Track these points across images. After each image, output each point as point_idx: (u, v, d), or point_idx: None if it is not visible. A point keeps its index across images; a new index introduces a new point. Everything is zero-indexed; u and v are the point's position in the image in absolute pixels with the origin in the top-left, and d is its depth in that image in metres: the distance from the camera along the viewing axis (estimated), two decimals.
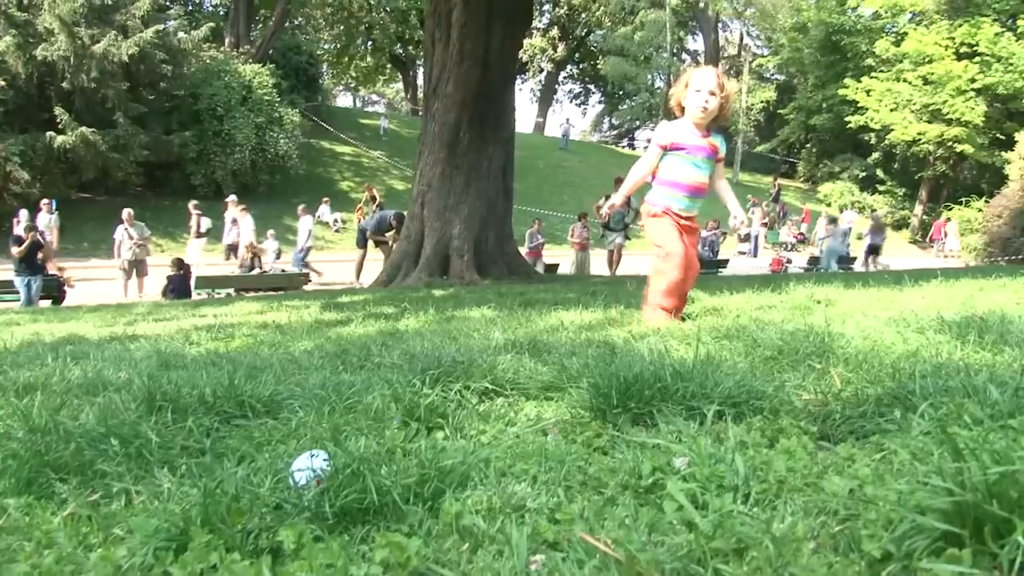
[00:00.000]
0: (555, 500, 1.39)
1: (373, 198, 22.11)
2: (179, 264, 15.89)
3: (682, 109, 4.56)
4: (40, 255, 14.90)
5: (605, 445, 1.94)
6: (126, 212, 17.22)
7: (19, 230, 16.91)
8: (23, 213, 19.48)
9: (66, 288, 15.78)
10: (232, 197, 21.53)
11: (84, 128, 24.39)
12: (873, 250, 22.55)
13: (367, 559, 1.18)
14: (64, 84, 24.96)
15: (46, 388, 2.91)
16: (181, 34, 29.05)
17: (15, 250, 14.51)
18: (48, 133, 24.36)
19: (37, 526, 1.39)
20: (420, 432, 1.93)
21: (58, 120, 24.51)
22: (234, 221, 20.36)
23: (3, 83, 23.92)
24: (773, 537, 1.08)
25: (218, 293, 15.80)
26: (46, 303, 14.68)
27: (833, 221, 24.53)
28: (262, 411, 2.32)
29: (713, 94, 4.43)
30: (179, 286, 15.46)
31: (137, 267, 17.04)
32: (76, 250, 22.51)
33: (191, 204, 21.04)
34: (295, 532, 1.25)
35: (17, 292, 14.81)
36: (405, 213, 19.05)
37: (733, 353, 3.25)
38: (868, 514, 1.17)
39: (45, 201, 20.69)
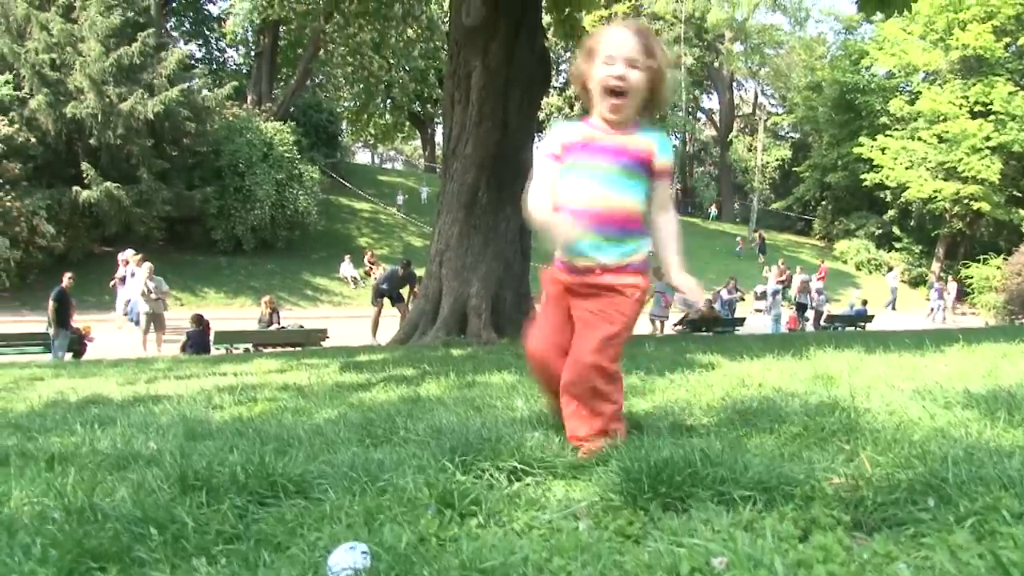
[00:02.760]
0: None
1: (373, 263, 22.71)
2: (198, 320, 16.01)
3: (589, 94, 2.98)
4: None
5: (638, 533, 1.94)
6: (146, 266, 17.41)
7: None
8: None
9: (86, 341, 15.92)
10: (129, 251, 20.21)
11: (109, 183, 24.84)
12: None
13: None
14: (91, 141, 25.49)
15: (76, 459, 2.94)
16: (205, 92, 29.68)
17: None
18: (74, 188, 24.80)
19: None
20: (454, 519, 1.94)
21: (84, 176, 24.96)
22: (132, 275, 19.09)
23: (33, 139, 24.43)
24: None
25: (236, 348, 15.87)
26: (65, 355, 14.80)
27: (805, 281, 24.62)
28: (293, 491, 2.33)
29: (634, 65, 2.84)
30: (198, 342, 15.55)
31: (155, 321, 17.17)
32: (97, 303, 22.72)
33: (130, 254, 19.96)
34: None
35: (42, 344, 14.99)
36: (410, 261, 19.28)
37: (759, 430, 3.24)
38: None
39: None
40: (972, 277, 38.26)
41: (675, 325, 20.09)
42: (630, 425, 3.27)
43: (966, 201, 38.56)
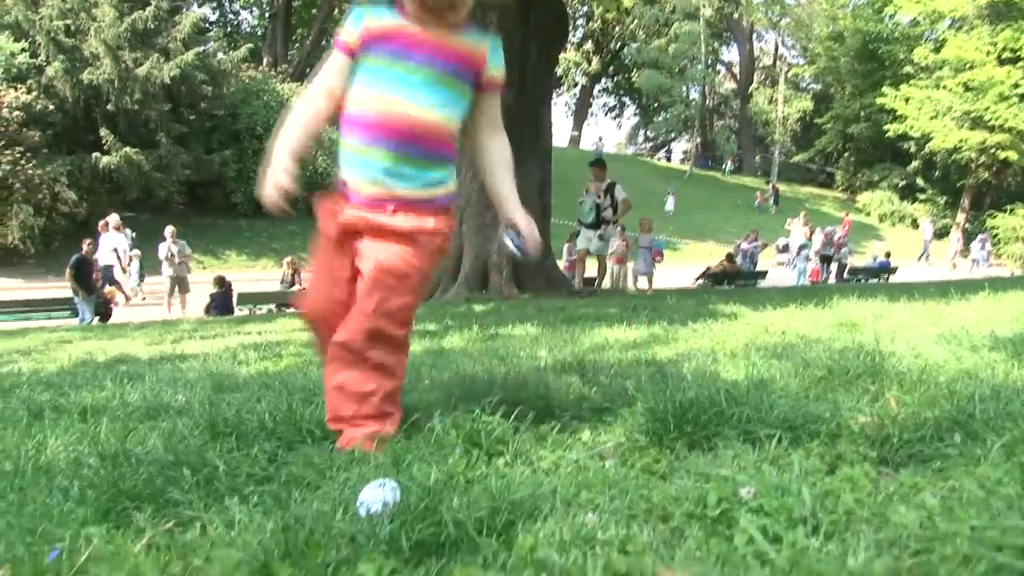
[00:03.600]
0: (624, 532, 1.41)
1: None
2: (221, 282, 16.13)
3: None
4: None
5: (664, 471, 1.96)
6: (168, 230, 17.52)
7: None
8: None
9: (111, 306, 16.10)
10: (113, 217, 19.53)
11: (128, 149, 24.92)
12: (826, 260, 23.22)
13: None
14: (109, 106, 25.53)
15: (108, 411, 2.99)
16: (221, 55, 29.56)
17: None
18: (94, 154, 24.90)
19: (123, 557, 1.44)
20: (481, 459, 1.96)
21: (103, 141, 25.05)
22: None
23: (52, 107, 24.51)
24: (850, 572, 1.09)
25: (259, 309, 16.00)
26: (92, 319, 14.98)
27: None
28: (320, 437, 2.36)
29: None
30: (221, 303, 15.68)
31: (179, 284, 17.32)
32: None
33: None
34: (375, 566, 1.28)
35: (68, 310, 15.17)
36: None
37: (783, 373, 3.24)
38: (943, 549, 1.18)
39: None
40: (998, 228, 37.77)
41: (696, 279, 20.02)
42: (654, 371, 3.28)
43: (992, 151, 37.91)
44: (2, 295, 18.00)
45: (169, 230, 17.51)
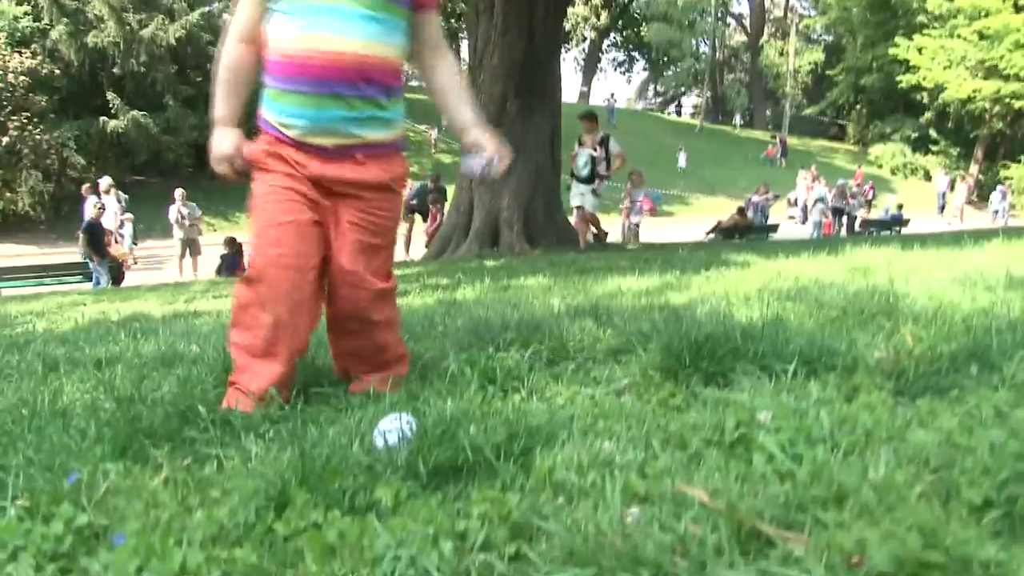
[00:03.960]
0: (642, 456, 1.41)
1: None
2: (232, 243, 16.14)
3: None
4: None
5: (681, 404, 1.95)
6: (178, 192, 17.49)
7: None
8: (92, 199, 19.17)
9: (124, 269, 16.15)
10: (105, 179, 18.98)
11: (135, 112, 24.80)
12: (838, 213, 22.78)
13: (464, 515, 1.21)
14: (115, 70, 25.38)
15: (122, 361, 3.00)
16: (226, 15, 29.26)
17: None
18: (101, 118, 24.81)
19: (140, 489, 1.45)
20: (496, 395, 1.96)
21: (110, 105, 24.94)
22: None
23: (57, 71, 24.40)
24: (872, 484, 1.08)
25: None
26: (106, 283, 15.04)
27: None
28: (335, 380, 2.36)
29: None
30: (232, 264, 15.71)
31: (190, 246, 17.34)
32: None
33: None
34: (392, 490, 1.29)
35: (80, 274, 15.23)
36: (439, 175, 19.19)
37: (798, 314, 3.22)
38: (964, 462, 1.17)
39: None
40: (1012, 178, 37.35)
41: (707, 233, 19.92)
42: (667, 313, 3.26)
43: (1007, 100, 37.30)
44: (14, 261, 18.08)
45: (179, 192, 17.48)
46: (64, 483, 1.40)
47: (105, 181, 18.75)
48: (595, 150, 12.35)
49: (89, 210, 17.94)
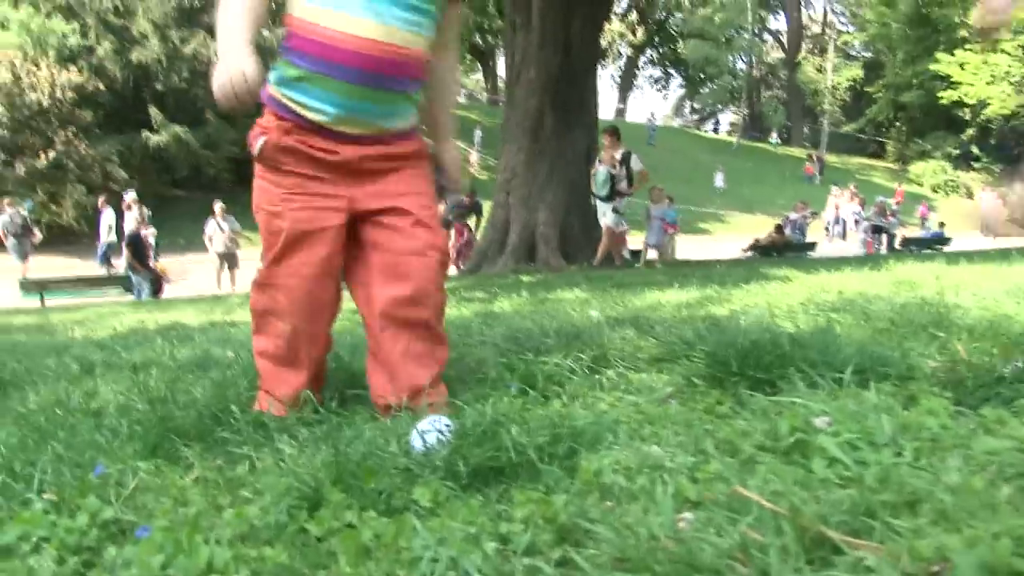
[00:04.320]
0: (692, 460, 1.34)
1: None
2: None
3: None
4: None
5: (728, 411, 1.87)
6: (218, 207, 17.66)
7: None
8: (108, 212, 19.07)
9: (164, 282, 16.32)
10: (130, 194, 18.66)
11: (177, 127, 25.17)
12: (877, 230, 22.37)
13: (507, 517, 1.14)
14: (157, 85, 25.80)
15: (158, 365, 2.98)
16: (266, 33, 29.65)
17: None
18: (143, 133, 25.21)
19: (169, 487, 1.40)
20: (537, 400, 1.89)
21: (152, 120, 25.34)
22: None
23: (102, 87, 24.85)
24: (949, 489, 1.00)
25: None
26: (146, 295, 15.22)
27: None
28: None
29: None
30: None
31: (228, 260, 17.47)
32: (172, 245, 23.24)
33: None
34: (430, 490, 1.23)
35: (120, 286, 15.44)
36: (475, 190, 19.17)
37: (845, 325, 3.12)
38: None
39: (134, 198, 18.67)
40: None
41: (744, 250, 19.70)
42: (710, 323, 3.18)
43: None
44: (57, 273, 18.36)
45: (218, 206, 17.63)
46: (90, 477, 1.36)
47: (130, 195, 18.88)
48: (615, 167, 12.06)
49: (105, 222, 18.22)
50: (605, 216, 12.37)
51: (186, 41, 25.81)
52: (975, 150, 42.93)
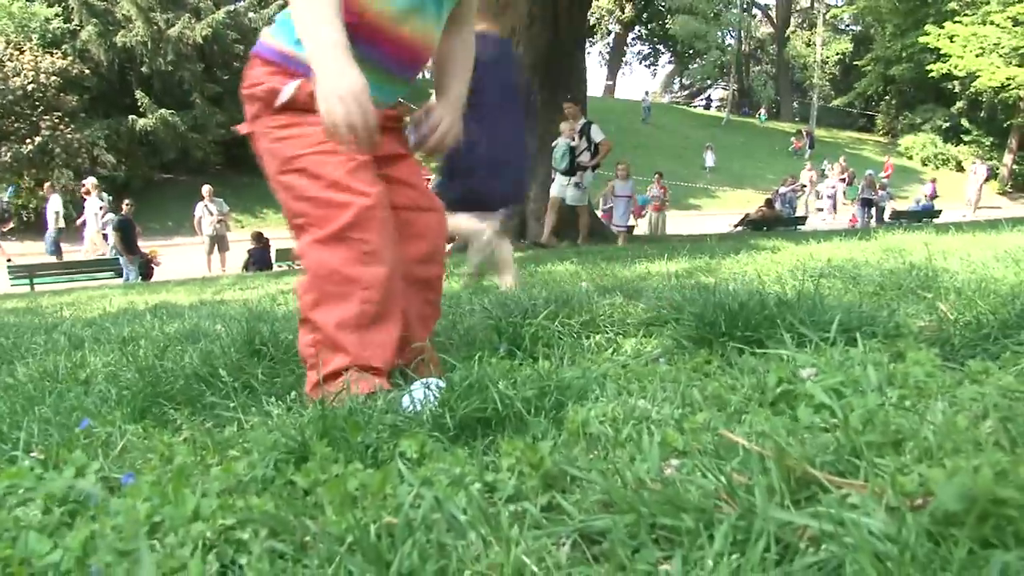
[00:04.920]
0: (679, 412, 1.34)
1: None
2: (259, 237, 16.20)
3: None
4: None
5: (715, 371, 1.88)
6: (206, 189, 17.59)
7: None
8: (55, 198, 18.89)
9: (153, 265, 16.26)
10: (90, 179, 18.84)
11: (163, 110, 25.01)
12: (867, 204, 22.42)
13: (494, 467, 1.15)
14: (143, 69, 25.62)
15: (148, 338, 2.98)
16: (251, 14, 29.43)
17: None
18: (130, 117, 25.05)
19: (157, 446, 1.40)
20: (525, 362, 1.89)
21: (139, 104, 25.16)
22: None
23: (87, 71, 24.65)
24: (933, 428, 1.01)
25: (298, 265, 16.02)
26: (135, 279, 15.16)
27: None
28: None
29: None
30: (260, 259, 15.77)
31: (218, 243, 17.43)
32: (161, 228, 23.15)
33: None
34: (417, 442, 1.23)
35: (111, 270, 15.39)
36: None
37: (833, 289, 3.13)
38: None
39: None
40: None
41: (735, 225, 19.73)
42: (700, 285, 3.17)
43: None
44: (46, 258, 18.27)
45: (206, 189, 17.58)
46: (77, 432, 1.36)
47: (89, 181, 18.75)
48: (573, 139, 11.72)
49: (89, 211, 18.10)
50: (565, 189, 11.93)
51: (171, 23, 25.60)
52: (965, 123, 42.93)
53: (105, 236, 17.64)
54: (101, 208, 18.16)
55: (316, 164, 1.77)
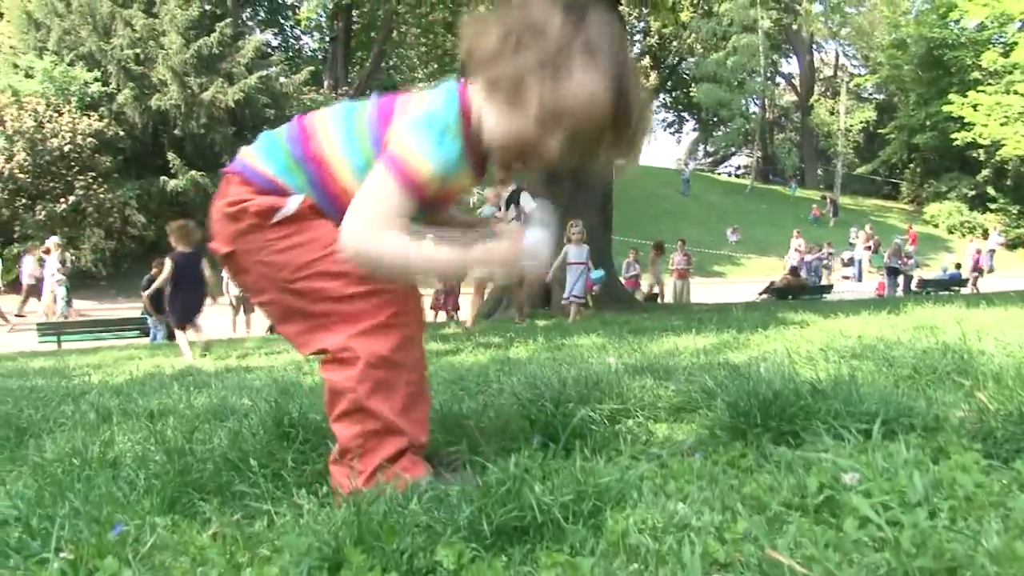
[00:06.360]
0: (719, 518, 1.31)
1: None
2: None
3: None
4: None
5: (752, 466, 1.84)
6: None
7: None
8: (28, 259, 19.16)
9: None
10: (51, 239, 19.47)
11: (194, 172, 25.47)
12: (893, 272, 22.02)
13: None
14: (176, 131, 26.17)
15: (175, 413, 2.97)
16: (283, 79, 30.12)
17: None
18: (162, 178, 25.52)
19: (187, 544, 1.38)
20: (558, 453, 1.87)
21: (171, 165, 25.66)
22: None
23: (122, 132, 25.23)
24: (989, 554, 0.97)
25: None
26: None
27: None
28: None
29: None
30: None
31: (244, 303, 17.54)
32: None
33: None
34: (454, 551, 1.20)
35: (138, 329, 15.50)
36: None
37: (866, 372, 3.09)
38: None
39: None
40: None
41: (759, 293, 19.65)
42: (729, 371, 3.14)
43: None
44: (76, 316, 18.50)
45: None
46: (109, 535, 1.34)
47: (51, 240, 19.09)
48: (499, 208, 10.22)
49: (48, 270, 18.37)
50: None
51: (204, 87, 26.21)
52: (991, 191, 42.82)
53: (55, 298, 17.98)
54: (58, 269, 18.38)
55: (338, 264, 1.75)
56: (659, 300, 18.16)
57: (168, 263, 9.19)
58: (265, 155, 1.90)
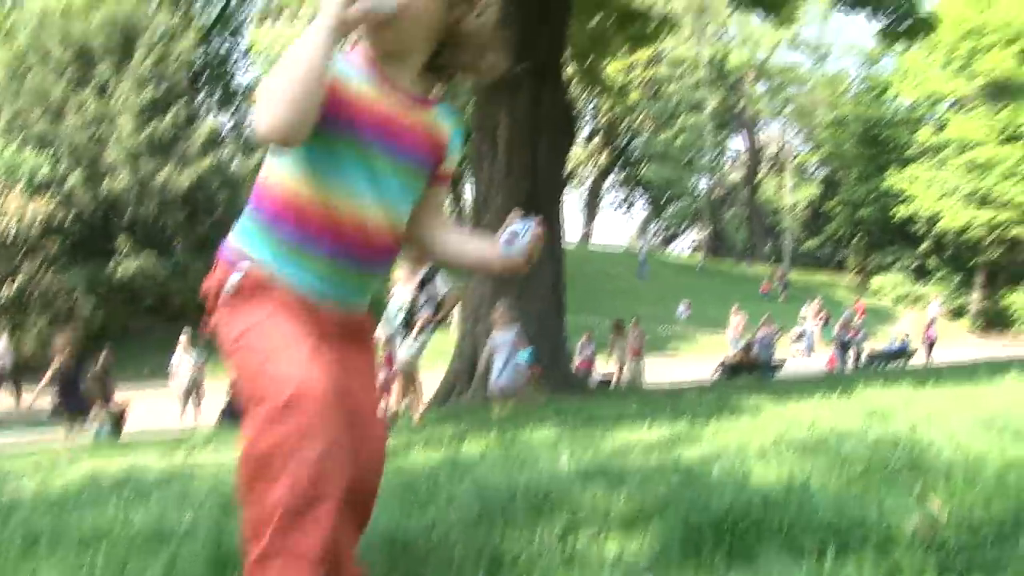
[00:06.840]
0: None
1: None
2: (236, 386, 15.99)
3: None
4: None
5: None
6: (184, 336, 17.48)
7: None
8: None
9: (125, 416, 15.89)
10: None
11: (145, 257, 25.19)
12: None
13: None
14: (126, 215, 25.95)
15: (110, 536, 2.84)
16: (236, 162, 30.18)
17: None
18: (111, 263, 25.19)
19: None
20: None
21: (120, 250, 25.36)
22: None
23: (71, 216, 24.89)
24: None
25: None
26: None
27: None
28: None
29: None
30: (237, 409, 15.50)
31: (196, 390, 17.18)
32: (136, 375, 22.84)
33: None
34: None
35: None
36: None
37: (819, 471, 3.08)
38: None
39: None
40: (1014, 305, 37.53)
41: (713, 372, 19.76)
42: (682, 476, 3.10)
43: (1002, 228, 37.90)
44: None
45: (184, 336, 17.47)
46: None
47: (184, 338, 18.75)
48: (415, 291, 9.32)
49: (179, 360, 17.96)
50: (410, 350, 9.17)
51: (157, 170, 26.10)
52: (932, 263, 43.96)
53: None
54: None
55: (259, 337, 1.68)
56: (615, 382, 18.10)
57: None
58: (240, 231, 1.91)
